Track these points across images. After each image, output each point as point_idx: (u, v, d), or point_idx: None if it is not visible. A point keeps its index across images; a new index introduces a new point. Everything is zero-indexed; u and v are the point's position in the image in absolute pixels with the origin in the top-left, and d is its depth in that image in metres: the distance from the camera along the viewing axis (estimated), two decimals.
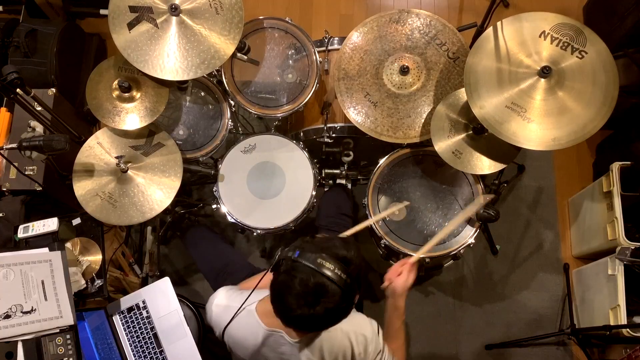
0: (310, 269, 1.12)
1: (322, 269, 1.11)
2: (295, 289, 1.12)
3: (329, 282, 1.11)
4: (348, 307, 1.18)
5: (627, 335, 2.05)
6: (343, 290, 1.13)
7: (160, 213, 1.80)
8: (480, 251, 2.58)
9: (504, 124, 1.62)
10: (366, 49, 1.90)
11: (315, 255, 1.13)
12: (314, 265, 1.12)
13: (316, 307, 1.12)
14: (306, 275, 1.12)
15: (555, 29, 1.64)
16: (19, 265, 1.44)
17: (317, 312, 1.13)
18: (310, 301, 1.12)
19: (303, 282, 1.12)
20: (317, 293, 1.12)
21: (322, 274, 1.11)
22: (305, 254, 1.14)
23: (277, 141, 2.06)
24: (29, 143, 1.56)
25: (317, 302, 1.12)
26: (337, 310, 1.16)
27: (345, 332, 1.36)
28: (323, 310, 1.13)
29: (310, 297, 1.12)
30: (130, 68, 1.79)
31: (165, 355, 1.82)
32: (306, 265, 1.12)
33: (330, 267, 1.12)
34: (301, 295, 1.12)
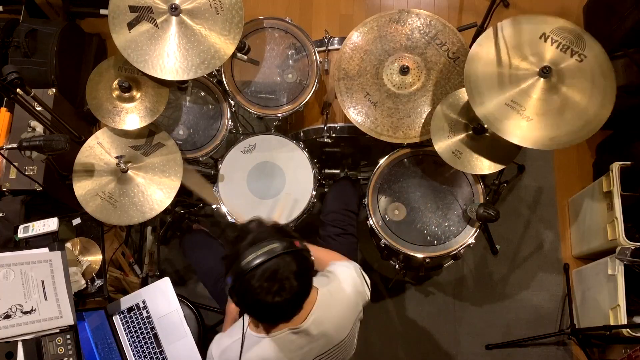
0: (252, 267, 1.12)
1: (257, 258, 1.12)
2: (260, 291, 1.12)
3: (276, 260, 1.13)
4: (307, 260, 1.20)
5: (627, 335, 2.05)
6: (291, 253, 1.15)
7: (160, 213, 1.80)
8: (480, 251, 2.58)
9: (503, 122, 1.62)
10: (366, 49, 1.90)
11: (247, 253, 1.14)
12: (252, 260, 1.12)
13: (285, 286, 1.13)
14: (257, 272, 1.12)
15: (555, 32, 1.65)
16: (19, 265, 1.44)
17: (291, 289, 1.14)
18: (277, 287, 1.13)
19: (261, 278, 1.12)
20: (275, 276, 1.13)
21: (262, 261, 1.12)
22: (240, 260, 1.14)
23: (277, 141, 2.06)
24: (29, 143, 1.56)
25: (282, 282, 1.13)
26: (304, 271, 1.18)
27: (333, 288, 1.37)
28: (294, 283, 1.14)
29: (274, 285, 1.13)
30: (130, 68, 1.79)
31: (165, 355, 1.82)
32: (248, 266, 1.13)
33: (265, 250, 1.13)
34: (267, 290, 1.12)
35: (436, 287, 2.53)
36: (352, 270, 1.44)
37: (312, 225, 2.14)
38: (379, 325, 2.46)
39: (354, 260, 1.56)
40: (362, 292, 1.43)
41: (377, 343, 2.44)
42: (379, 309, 2.48)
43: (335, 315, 1.34)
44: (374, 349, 2.43)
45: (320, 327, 1.30)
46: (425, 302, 2.51)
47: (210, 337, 1.55)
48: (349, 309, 1.38)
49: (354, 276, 1.43)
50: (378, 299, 2.49)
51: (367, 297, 1.46)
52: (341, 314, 1.36)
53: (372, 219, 1.92)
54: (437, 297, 2.52)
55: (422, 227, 1.92)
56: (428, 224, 1.93)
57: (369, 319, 2.44)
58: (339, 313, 1.35)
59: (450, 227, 1.91)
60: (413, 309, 2.49)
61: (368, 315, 2.44)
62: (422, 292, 2.52)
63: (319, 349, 1.33)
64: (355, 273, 1.44)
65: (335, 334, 1.35)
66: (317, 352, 1.34)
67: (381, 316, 2.47)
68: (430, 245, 1.90)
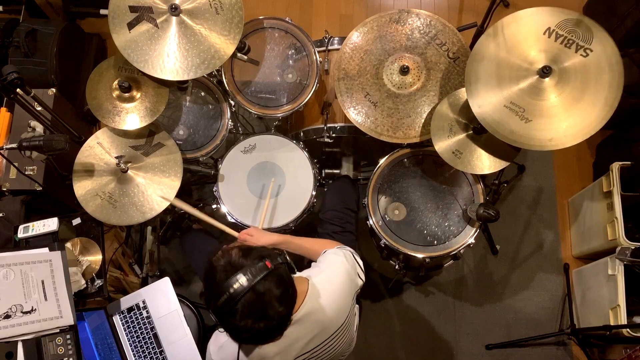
0: (230, 308, 1.11)
1: (230, 298, 1.11)
2: (245, 326, 1.12)
3: (250, 293, 1.11)
4: (284, 278, 1.18)
5: (627, 335, 2.05)
6: (265, 277, 1.13)
7: (160, 213, 1.80)
8: (480, 251, 2.58)
9: (502, 123, 1.62)
10: (366, 49, 1.90)
11: (219, 292, 1.12)
12: (226, 301, 1.11)
13: (270, 313, 1.13)
14: (237, 309, 1.11)
15: (560, 25, 1.60)
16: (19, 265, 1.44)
17: (276, 314, 1.14)
18: (260, 315, 1.12)
19: (243, 314, 1.11)
20: (255, 309, 1.12)
21: (237, 299, 1.10)
22: (216, 301, 1.13)
23: (277, 141, 2.06)
24: (29, 143, 1.56)
25: (265, 311, 1.12)
26: (285, 290, 1.17)
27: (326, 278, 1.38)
28: (279, 308, 1.14)
29: (257, 316, 1.12)
30: (130, 68, 1.79)
31: (165, 355, 1.82)
32: (225, 308, 1.11)
33: (235, 287, 1.11)
34: (253, 323, 1.12)
35: (436, 287, 2.53)
36: (342, 257, 1.45)
37: (312, 225, 2.14)
38: (379, 325, 2.46)
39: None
40: (353, 278, 1.44)
41: (377, 343, 2.44)
42: (379, 309, 2.48)
43: (329, 303, 1.34)
44: (374, 349, 2.43)
45: (313, 316, 1.31)
46: (425, 302, 2.51)
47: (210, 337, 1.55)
48: (343, 296, 1.38)
49: (345, 262, 1.43)
50: (378, 299, 2.49)
51: (361, 281, 1.47)
52: (335, 301, 1.36)
53: (372, 219, 1.93)
54: (437, 297, 2.52)
55: (422, 227, 1.92)
56: (428, 224, 1.93)
57: (369, 319, 2.44)
58: (333, 301, 1.35)
59: (450, 227, 1.91)
60: (413, 309, 2.49)
61: (368, 316, 2.47)
62: (422, 292, 2.52)
63: (316, 340, 1.34)
64: (345, 259, 1.44)
65: (331, 323, 1.35)
66: (315, 342, 1.34)
67: (381, 316, 2.47)
68: (430, 245, 1.90)
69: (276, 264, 1.18)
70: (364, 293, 2.26)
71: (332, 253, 1.48)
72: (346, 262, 1.43)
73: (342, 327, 1.39)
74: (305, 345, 1.32)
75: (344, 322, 1.39)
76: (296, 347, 1.31)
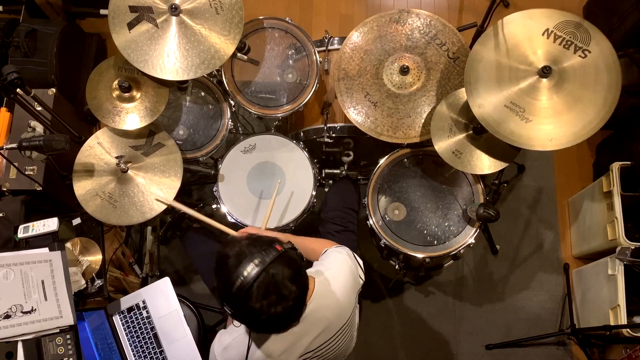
0: (245, 290, 1.12)
1: (246, 280, 1.12)
2: (262, 309, 1.13)
3: (265, 274, 1.13)
4: (295, 259, 1.20)
5: (627, 335, 2.05)
6: (277, 259, 1.15)
7: (160, 213, 1.80)
8: (480, 251, 2.58)
9: (502, 123, 1.62)
10: (366, 49, 1.90)
11: (233, 278, 1.13)
12: (242, 284, 1.12)
13: (284, 293, 1.14)
14: (252, 293, 1.12)
15: (559, 26, 1.62)
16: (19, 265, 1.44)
17: (291, 294, 1.15)
18: (276, 298, 1.13)
19: (258, 296, 1.12)
20: (270, 289, 1.13)
21: (252, 280, 1.12)
22: (231, 287, 1.14)
23: (277, 141, 2.06)
24: (29, 143, 1.56)
25: (280, 292, 1.13)
26: (297, 271, 1.18)
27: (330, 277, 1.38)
28: (293, 288, 1.15)
29: (273, 298, 1.13)
30: (130, 68, 1.79)
31: (165, 355, 1.82)
32: (240, 292, 1.12)
33: (249, 268, 1.13)
34: (269, 305, 1.13)
35: (436, 287, 2.53)
36: (345, 255, 1.46)
37: (312, 225, 2.14)
38: (379, 325, 2.46)
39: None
40: (356, 276, 1.45)
41: (377, 343, 2.44)
42: (379, 309, 2.48)
43: (334, 301, 1.35)
44: (374, 349, 2.43)
45: (319, 314, 1.31)
46: (425, 302, 2.51)
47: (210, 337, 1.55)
48: (347, 294, 1.39)
49: (348, 260, 1.44)
50: (378, 299, 2.49)
51: (361, 280, 1.48)
52: (339, 299, 1.37)
53: (372, 219, 1.93)
54: (437, 297, 2.51)
55: (422, 227, 1.92)
56: (428, 224, 1.93)
57: (369, 319, 2.44)
58: (337, 299, 1.36)
59: (450, 227, 1.91)
60: (413, 309, 2.49)
61: (368, 315, 2.47)
62: (422, 292, 2.52)
63: (321, 338, 1.34)
64: (348, 257, 1.46)
65: (335, 321, 1.36)
66: (319, 341, 1.34)
67: (381, 316, 2.47)
68: (430, 245, 1.90)
69: (286, 247, 1.21)
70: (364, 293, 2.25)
71: (334, 251, 1.48)
72: (349, 260, 1.45)
73: (345, 326, 1.40)
74: (310, 343, 1.32)
75: (347, 320, 1.40)
76: (301, 345, 1.31)
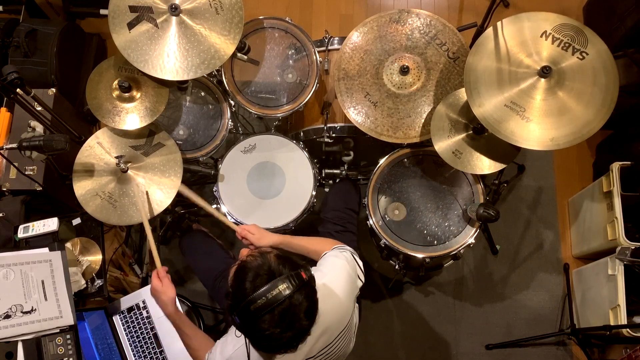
0: (263, 312, 1.10)
1: (267, 303, 1.09)
2: (270, 334, 1.11)
3: (286, 302, 1.10)
4: (314, 292, 1.19)
5: (627, 335, 2.05)
6: (300, 289, 1.12)
7: (160, 213, 1.80)
8: (480, 251, 2.58)
9: (502, 123, 1.62)
10: (366, 49, 1.90)
11: (256, 295, 1.10)
12: (262, 306, 1.09)
13: (296, 325, 1.13)
14: (266, 317, 1.10)
15: (556, 29, 1.65)
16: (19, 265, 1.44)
17: (300, 326, 1.14)
18: (286, 326, 1.11)
19: (272, 322, 1.10)
20: (285, 319, 1.11)
21: (273, 306, 1.09)
22: (249, 303, 1.11)
23: (277, 141, 2.06)
24: (29, 143, 1.56)
25: (293, 323, 1.12)
26: (312, 305, 1.17)
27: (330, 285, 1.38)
28: (305, 322, 1.14)
29: (284, 325, 1.11)
30: (130, 68, 1.79)
31: (165, 355, 1.82)
32: (258, 312, 1.10)
33: (275, 293, 1.10)
34: (278, 332, 1.11)
35: (436, 287, 2.53)
36: (343, 259, 1.45)
37: (312, 225, 2.14)
38: (379, 325, 2.46)
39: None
40: (354, 280, 1.44)
41: (377, 343, 2.44)
42: (379, 309, 2.48)
43: (333, 307, 1.35)
44: (374, 349, 2.43)
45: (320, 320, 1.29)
46: (425, 302, 2.51)
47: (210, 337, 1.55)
48: (345, 299, 1.39)
49: (346, 265, 1.43)
50: (378, 299, 2.49)
51: (360, 282, 1.48)
52: (338, 305, 1.36)
53: (372, 219, 1.93)
54: (437, 297, 2.51)
55: (422, 227, 1.92)
56: (428, 224, 1.93)
57: (369, 319, 2.44)
58: (336, 304, 1.36)
59: (450, 227, 1.91)
60: (413, 309, 2.49)
61: (368, 316, 2.46)
62: (422, 292, 2.52)
63: (321, 343, 1.34)
64: (346, 262, 1.44)
65: (335, 326, 1.36)
66: (320, 346, 1.34)
67: (381, 316, 2.47)
68: (430, 245, 1.90)
69: (309, 275, 1.18)
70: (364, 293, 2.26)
71: (332, 256, 1.47)
72: (347, 265, 1.43)
73: (345, 329, 1.40)
74: (310, 349, 1.32)
75: (347, 324, 1.40)
76: (302, 352, 1.31)
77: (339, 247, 1.53)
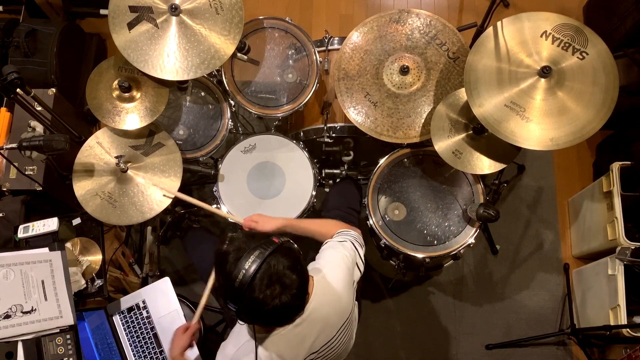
0: (248, 281, 1.13)
1: (247, 272, 1.13)
2: (265, 299, 1.14)
3: (266, 264, 1.14)
4: (293, 251, 1.23)
5: (627, 335, 2.05)
6: (276, 250, 1.17)
7: (160, 213, 1.80)
8: (480, 251, 2.58)
9: (502, 123, 1.62)
10: (366, 49, 1.90)
11: (235, 272, 1.15)
12: (244, 276, 1.13)
13: (286, 282, 1.15)
14: (255, 284, 1.14)
15: (556, 29, 1.65)
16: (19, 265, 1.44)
17: (293, 283, 1.16)
18: (280, 288, 1.15)
19: (261, 287, 1.13)
20: (273, 279, 1.14)
21: (255, 272, 1.13)
22: (233, 281, 1.15)
23: (277, 141, 2.06)
24: (29, 143, 1.56)
25: (282, 281, 1.15)
26: (296, 261, 1.20)
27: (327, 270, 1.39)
28: (293, 277, 1.17)
29: (276, 287, 1.14)
30: (130, 68, 1.79)
31: (165, 355, 1.82)
32: (243, 284, 1.13)
33: (250, 260, 1.15)
34: (272, 296, 1.14)
35: (436, 287, 2.53)
36: (342, 250, 1.46)
37: None
38: (379, 325, 2.46)
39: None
40: (353, 271, 1.45)
41: (377, 343, 2.44)
42: (379, 309, 2.48)
43: (334, 298, 1.35)
44: (374, 348, 2.43)
45: (321, 313, 1.31)
46: (425, 302, 2.51)
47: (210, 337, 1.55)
48: (345, 293, 1.39)
49: (344, 257, 1.44)
50: (378, 299, 2.49)
51: (359, 272, 1.49)
52: (339, 296, 1.37)
53: (372, 219, 1.93)
54: (437, 297, 2.51)
55: (422, 227, 1.92)
56: (428, 224, 1.93)
57: (369, 319, 2.44)
58: (336, 298, 1.36)
59: (450, 227, 1.91)
60: (413, 309, 2.49)
61: (368, 315, 2.46)
62: (422, 292, 2.52)
63: (323, 338, 1.34)
64: (345, 253, 1.45)
65: (337, 318, 1.36)
66: (322, 341, 1.35)
67: (381, 316, 2.47)
68: (430, 245, 1.90)
69: (283, 240, 1.23)
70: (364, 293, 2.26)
71: (330, 247, 1.48)
72: (346, 257, 1.44)
73: (346, 323, 1.40)
74: (313, 343, 1.32)
75: (347, 318, 1.40)
76: (305, 347, 1.31)
77: (341, 233, 1.54)
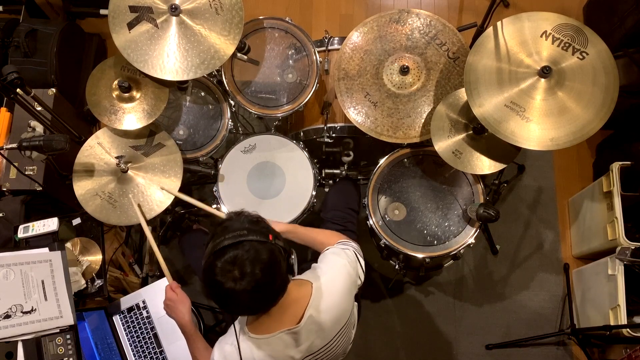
0: (219, 248, 1.15)
1: (225, 241, 1.15)
2: (219, 272, 1.15)
3: (242, 246, 1.15)
4: (276, 255, 1.21)
5: (627, 335, 2.05)
6: (261, 243, 1.17)
7: (160, 213, 1.80)
8: (480, 251, 2.58)
9: (502, 123, 1.62)
10: (366, 49, 1.90)
11: (218, 236, 1.18)
12: (220, 242, 1.16)
13: (246, 271, 1.14)
14: (223, 255, 1.15)
15: (556, 29, 1.65)
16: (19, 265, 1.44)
17: (253, 278, 1.15)
18: (238, 272, 1.14)
19: (225, 261, 1.15)
20: (236, 261, 1.14)
21: (229, 245, 1.15)
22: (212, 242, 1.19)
23: (277, 141, 2.06)
24: (29, 143, 1.56)
25: (243, 269, 1.14)
26: (272, 264, 1.18)
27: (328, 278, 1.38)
28: (257, 272, 1.15)
29: (234, 269, 1.14)
30: (130, 68, 1.79)
31: (165, 355, 1.82)
32: (215, 247, 1.16)
33: (233, 234, 1.16)
34: (227, 272, 1.14)
35: (436, 287, 2.53)
36: (345, 258, 1.43)
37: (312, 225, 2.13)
38: (379, 325, 2.46)
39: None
40: (355, 280, 1.43)
41: (377, 343, 2.44)
42: (379, 309, 2.48)
43: (332, 305, 1.34)
44: (374, 348, 2.43)
45: (318, 318, 1.31)
46: (425, 302, 2.51)
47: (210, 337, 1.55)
48: (345, 300, 1.38)
49: (347, 265, 1.42)
50: (378, 299, 2.49)
51: (360, 282, 1.47)
52: (337, 305, 1.36)
53: (372, 219, 1.93)
54: (437, 297, 2.51)
55: (422, 227, 1.92)
56: (428, 224, 1.93)
57: (369, 319, 2.44)
58: (335, 304, 1.35)
59: (450, 227, 1.91)
60: (413, 309, 2.49)
61: (368, 315, 2.46)
62: (422, 292, 2.52)
63: (321, 340, 1.34)
64: (347, 261, 1.43)
65: (335, 324, 1.36)
66: (320, 343, 1.34)
67: (381, 316, 2.47)
68: (430, 245, 1.90)
69: (276, 243, 1.22)
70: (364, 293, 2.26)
71: (333, 253, 1.45)
72: (348, 265, 1.42)
73: (344, 327, 1.40)
74: (309, 346, 1.32)
75: (345, 323, 1.40)
76: (301, 349, 1.31)
77: (343, 243, 1.52)
